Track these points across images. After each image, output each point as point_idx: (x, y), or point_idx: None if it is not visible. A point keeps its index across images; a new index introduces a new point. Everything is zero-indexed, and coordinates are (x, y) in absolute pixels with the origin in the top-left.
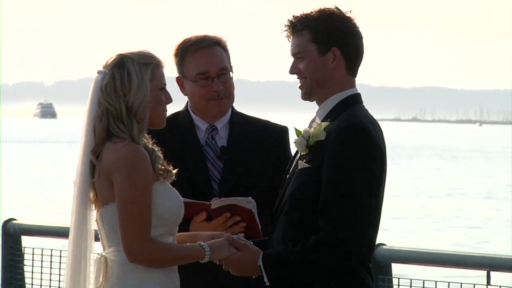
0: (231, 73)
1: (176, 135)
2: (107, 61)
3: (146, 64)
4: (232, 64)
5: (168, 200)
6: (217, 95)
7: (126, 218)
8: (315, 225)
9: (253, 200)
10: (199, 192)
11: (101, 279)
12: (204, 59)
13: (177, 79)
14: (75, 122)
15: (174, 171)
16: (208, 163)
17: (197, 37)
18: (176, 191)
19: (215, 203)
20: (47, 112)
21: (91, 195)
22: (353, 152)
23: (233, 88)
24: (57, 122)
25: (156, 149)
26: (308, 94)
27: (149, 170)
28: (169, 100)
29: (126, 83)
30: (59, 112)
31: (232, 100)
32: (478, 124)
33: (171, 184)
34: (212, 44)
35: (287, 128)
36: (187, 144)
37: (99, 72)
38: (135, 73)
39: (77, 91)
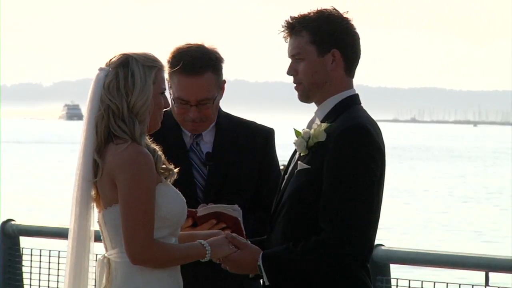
0: (216, 97)
1: (162, 137)
2: (110, 59)
3: (150, 67)
4: (231, 65)
5: (172, 202)
6: (191, 120)
7: (129, 221)
8: (315, 225)
9: (239, 208)
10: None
11: (104, 281)
12: (187, 87)
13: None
14: None
15: (176, 170)
16: (193, 169)
17: (192, 56)
18: (179, 193)
19: (201, 210)
20: (74, 113)
21: (93, 193)
22: (354, 153)
23: (213, 113)
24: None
25: (157, 149)
26: (305, 96)
27: (153, 171)
28: (166, 105)
29: (129, 83)
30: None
31: (211, 122)
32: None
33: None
34: (202, 72)
35: (273, 130)
36: (172, 148)
37: (101, 69)
38: (139, 75)
39: (76, 92)
